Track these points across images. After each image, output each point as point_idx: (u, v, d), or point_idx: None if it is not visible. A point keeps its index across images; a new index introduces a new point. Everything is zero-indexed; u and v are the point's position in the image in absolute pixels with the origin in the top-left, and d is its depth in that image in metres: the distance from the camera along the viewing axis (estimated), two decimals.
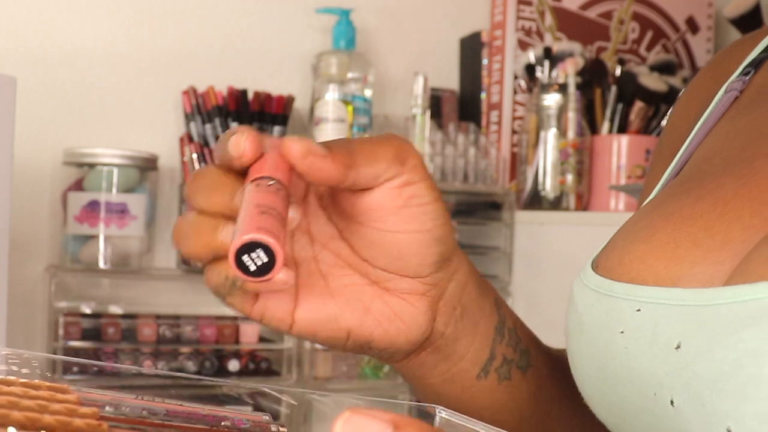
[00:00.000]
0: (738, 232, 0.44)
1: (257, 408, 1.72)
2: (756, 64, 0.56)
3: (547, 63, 1.61)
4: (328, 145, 0.44)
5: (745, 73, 0.56)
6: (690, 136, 0.56)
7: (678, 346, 0.41)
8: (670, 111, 0.65)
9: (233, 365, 1.51)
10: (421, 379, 0.54)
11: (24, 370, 0.44)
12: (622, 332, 0.45)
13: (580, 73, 1.59)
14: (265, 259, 0.40)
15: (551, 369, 0.59)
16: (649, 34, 1.79)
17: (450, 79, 1.79)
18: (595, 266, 0.49)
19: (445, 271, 0.50)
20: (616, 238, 0.51)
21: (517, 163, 1.67)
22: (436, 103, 1.72)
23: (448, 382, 0.54)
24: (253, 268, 0.40)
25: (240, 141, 0.44)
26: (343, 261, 0.49)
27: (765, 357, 0.37)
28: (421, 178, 0.47)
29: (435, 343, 0.52)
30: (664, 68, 1.69)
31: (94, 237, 1.49)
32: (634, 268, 0.46)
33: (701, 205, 0.46)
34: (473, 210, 1.64)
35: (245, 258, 0.40)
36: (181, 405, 0.42)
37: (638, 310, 0.44)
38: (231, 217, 0.44)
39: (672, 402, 0.41)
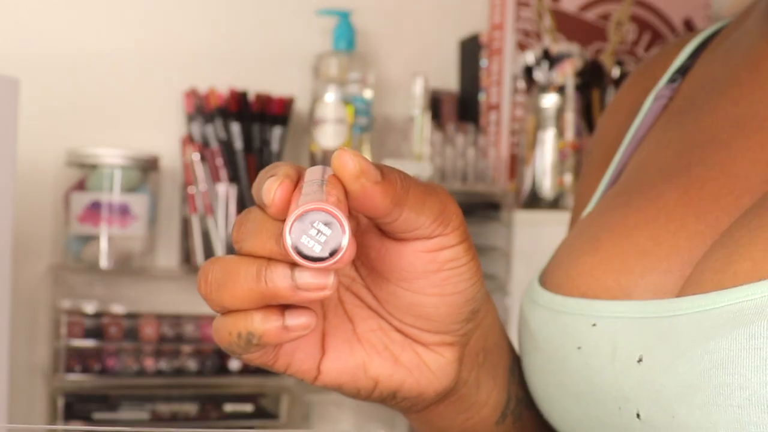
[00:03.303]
0: (684, 240, 0.44)
1: (258, 407, 1.72)
2: (683, 71, 0.56)
3: (545, 64, 1.62)
4: (382, 171, 0.38)
5: (672, 80, 0.56)
6: (623, 144, 0.56)
7: (640, 360, 0.41)
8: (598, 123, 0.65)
9: (234, 364, 1.52)
10: (440, 430, 0.50)
11: None
12: (579, 348, 0.44)
13: (578, 74, 1.60)
14: (328, 233, 0.34)
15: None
16: (646, 36, 1.79)
17: (449, 80, 1.80)
18: (542, 282, 0.49)
19: (473, 323, 0.46)
20: (560, 252, 0.50)
21: (515, 164, 1.68)
22: (435, 103, 1.73)
23: (468, 431, 0.50)
24: (316, 249, 0.34)
25: (272, 188, 0.37)
26: (366, 305, 0.45)
27: (733, 365, 0.37)
28: (460, 240, 0.42)
29: (458, 392, 0.48)
30: None
31: (97, 237, 1.50)
32: (583, 282, 0.46)
33: (644, 215, 0.46)
34: (472, 210, 1.64)
35: (304, 239, 0.34)
36: None
37: (594, 324, 0.44)
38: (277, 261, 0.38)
39: (638, 415, 0.41)
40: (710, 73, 0.54)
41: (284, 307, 0.39)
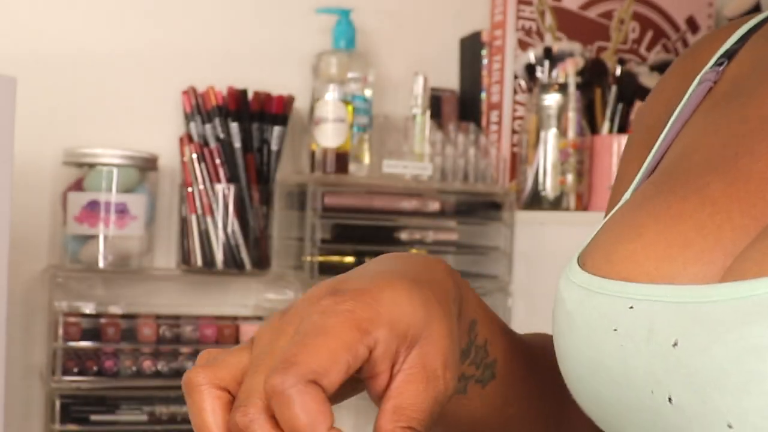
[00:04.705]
0: (729, 232, 0.44)
1: None
2: (729, 55, 0.56)
3: (547, 63, 1.61)
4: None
5: (718, 63, 0.56)
6: (665, 129, 0.56)
7: (675, 344, 0.41)
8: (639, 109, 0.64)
9: None
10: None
11: None
12: (615, 330, 0.44)
13: (580, 72, 1.59)
14: None
15: (527, 367, 0.56)
16: (649, 34, 1.78)
17: (450, 79, 1.79)
18: (582, 263, 0.49)
19: None
20: (601, 235, 0.50)
21: (517, 163, 1.67)
22: (436, 103, 1.72)
23: None
24: None
25: None
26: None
27: (767, 352, 0.37)
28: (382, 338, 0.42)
29: None
30: (665, 68, 1.69)
31: (94, 237, 1.49)
32: (624, 266, 0.46)
33: (689, 204, 0.46)
34: (473, 210, 1.64)
35: None
36: None
37: (631, 307, 0.44)
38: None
39: (670, 399, 0.41)
40: (759, 57, 0.53)
41: None
